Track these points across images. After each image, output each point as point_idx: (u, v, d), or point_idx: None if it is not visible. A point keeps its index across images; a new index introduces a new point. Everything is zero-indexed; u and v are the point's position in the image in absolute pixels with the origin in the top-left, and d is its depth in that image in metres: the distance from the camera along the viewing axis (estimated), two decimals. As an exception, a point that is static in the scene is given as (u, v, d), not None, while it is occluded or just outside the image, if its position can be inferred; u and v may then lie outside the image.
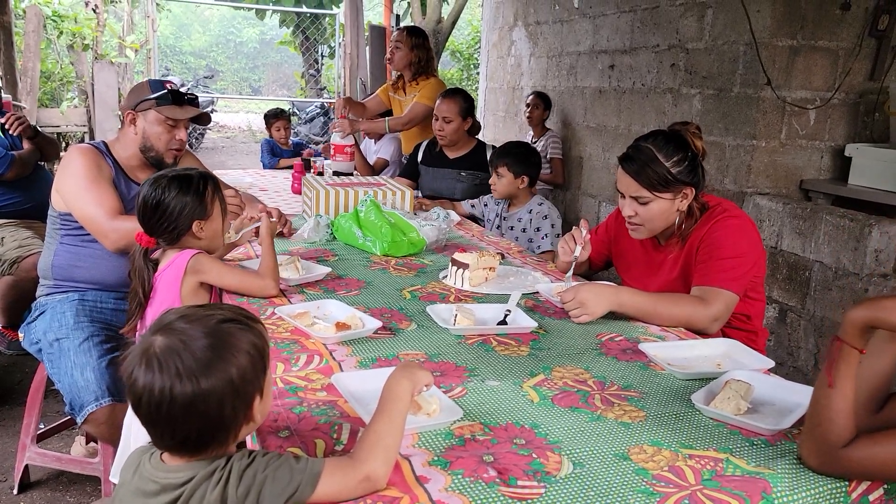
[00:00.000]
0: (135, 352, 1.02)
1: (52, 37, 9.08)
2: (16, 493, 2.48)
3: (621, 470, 1.18)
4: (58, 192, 2.29)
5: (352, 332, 1.67)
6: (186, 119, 2.34)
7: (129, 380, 1.01)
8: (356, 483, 1.04)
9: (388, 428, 1.10)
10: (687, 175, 1.91)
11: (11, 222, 3.46)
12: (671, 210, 1.95)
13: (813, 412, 1.16)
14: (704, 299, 1.86)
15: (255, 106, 20.71)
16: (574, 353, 1.68)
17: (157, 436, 1.03)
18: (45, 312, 2.30)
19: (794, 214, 3.32)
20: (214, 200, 1.90)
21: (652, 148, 1.92)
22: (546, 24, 5.63)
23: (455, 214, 3.21)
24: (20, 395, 2.89)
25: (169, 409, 0.98)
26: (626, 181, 1.96)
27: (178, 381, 0.98)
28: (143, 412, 1.01)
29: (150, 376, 0.99)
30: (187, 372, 0.98)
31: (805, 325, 3.28)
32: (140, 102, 2.32)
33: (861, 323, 1.08)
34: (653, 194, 1.93)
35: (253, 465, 1.02)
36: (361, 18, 8.47)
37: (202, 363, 0.99)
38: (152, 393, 0.99)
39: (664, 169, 1.90)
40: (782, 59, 3.47)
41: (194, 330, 1.02)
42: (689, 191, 1.93)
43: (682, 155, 1.90)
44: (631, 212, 1.99)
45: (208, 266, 1.86)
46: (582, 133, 5.16)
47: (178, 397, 0.98)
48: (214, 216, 1.90)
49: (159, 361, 0.99)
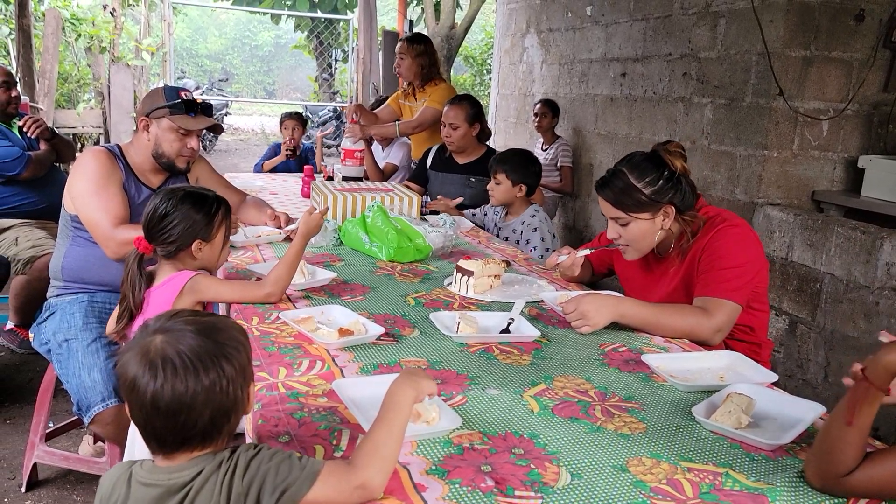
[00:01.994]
0: (133, 363, 1.03)
1: (70, 39, 9.19)
2: (24, 491, 2.51)
3: (619, 482, 1.17)
4: (69, 193, 2.31)
5: (354, 338, 1.68)
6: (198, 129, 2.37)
7: (137, 389, 1.02)
8: (351, 489, 1.05)
9: (386, 437, 1.10)
10: (662, 194, 1.92)
11: (26, 222, 3.50)
12: (653, 229, 1.97)
13: (825, 440, 1.15)
14: (707, 310, 1.86)
15: (269, 109, 20.83)
16: (576, 363, 1.68)
17: (170, 435, 1.03)
18: (54, 313, 2.32)
19: (805, 226, 3.30)
20: (221, 226, 1.91)
21: (624, 170, 1.95)
22: (558, 31, 5.64)
23: (465, 221, 3.22)
24: (30, 394, 2.92)
25: (192, 402, 1.01)
26: (604, 205, 2.00)
27: (193, 375, 1.01)
28: (162, 414, 1.01)
29: (160, 379, 1.01)
30: (194, 364, 1.02)
31: (815, 337, 3.26)
32: (154, 110, 2.34)
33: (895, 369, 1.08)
34: (630, 216, 1.95)
35: (258, 456, 1.05)
36: (375, 23, 8.50)
37: (206, 351, 1.04)
38: (174, 395, 1.01)
39: (636, 190, 1.92)
40: (795, 69, 3.45)
41: (183, 325, 1.06)
42: (669, 209, 1.94)
43: (655, 175, 1.92)
44: (615, 234, 2.02)
45: (206, 287, 1.86)
46: (593, 140, 5.16)
47: (196, 389, 1.01)
48: (216, 241, 1.90)
49: (172, 363, 1.01)
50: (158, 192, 1.90)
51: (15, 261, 3.31)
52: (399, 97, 4.43)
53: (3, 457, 2.72)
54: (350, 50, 11.22)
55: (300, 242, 1.99)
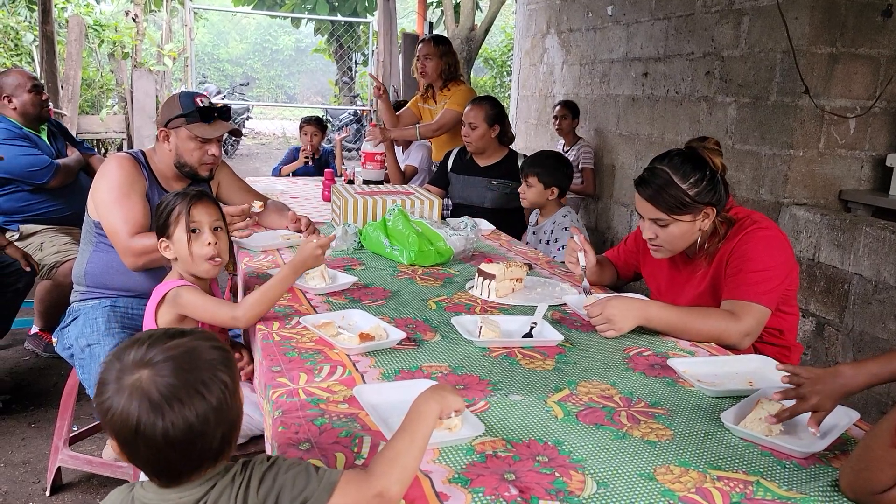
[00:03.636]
0: (130, 406, 0.95)
1: (93, 45, 9.31)
2: (48, 495, 2.53)
3: (647, 491, 1.14)
4: (93, 200, 2.32)
5: (375, 343, 1.67)
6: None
7: (143, 432, 0.95)
8: (369, 498, 1.03)
9: (408, 447, 1.08)
10: (706, 195, 1.86)
11: (51, 228, 3.54)
12: (692, 230, 1.91)
13: (863, 457, 1.11)
14: (735, 314, 1.82)
15: (290, 113, 20.95)
16: (601, 367, 1.65)
17: (186, 465, 0.98)
18: (77, 318, 2.34)
19: (833, 226, 3.24)
20: (178, 221, 1.80)
21: (667, 170, 1.87)
22: (579, 31, 5.60)
23: (485, 223, 3.20)
24: (55, 398, 2.94)
25: (204, 427, 0.96)
26: (643, 205, 1.92)
27: (200, 398, 0.96)
28: (178, 448, 0.95)
29: (170, 415, 0.95)
30: (197, 389, 0.97)
31: (843, 339, 3.19)
32: (171, 119, 2.34)
33: None
34: (672, 217, 1.88)
35: (273, 468, 1.02)
36: (395, 26, 8.51)
37: (201, 371, 0.98)
38: (187, 425, 0.95)
39: (681, 191, 1.85)
40: (821, 66, 3.39)
41: (162, 353, 0.98)
42: (710, 210, 1.88)
43: (699, 175, 1.85)
44: (651, 234, 1.95)
45: (185, 300, 1.78)
46: (614, 141, 5.11)
47: (207, 413, 0.96)
48: (176, 237, 1.81)
49: (177, 395, 0.95)
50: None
51: (40, 266, 3.34)
52: (418, 100, 4.42)
53: (28, 460, 2.74)
54: (370, 53, 11.25)
55: (288, 272, 1.83)
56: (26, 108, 3.47)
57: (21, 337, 3.70)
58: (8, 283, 2.97)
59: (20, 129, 3.46)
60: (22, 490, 2.55)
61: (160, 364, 0.97)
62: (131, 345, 1.01)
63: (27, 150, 3.42)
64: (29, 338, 3.65)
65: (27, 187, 3.45)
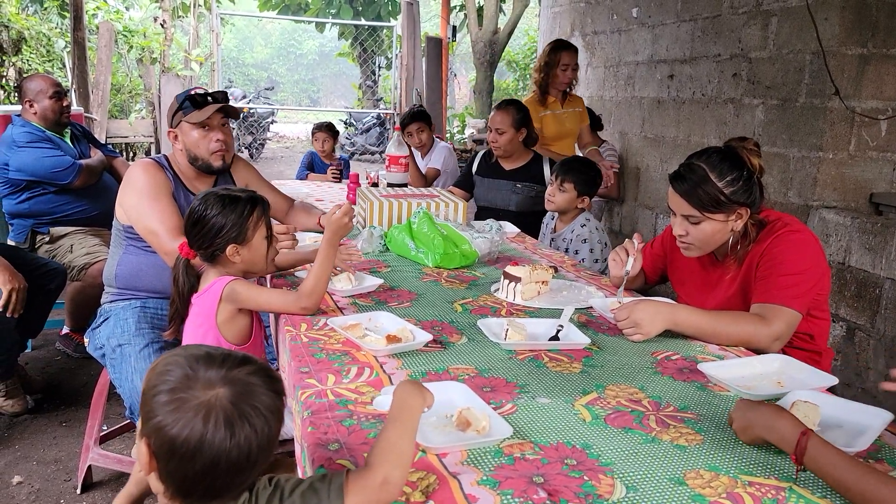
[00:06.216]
0: (189, 418, 0.96)
1: (122, 51, 9.46)
2: (79, 493, 2.56)
3: (677, 495, 1.13)
4: (121, 206, 2.35)
5: (402, 345, 1.67)
6: (217, 120, 2.38)
7: (208, 446, 0.96)
8: (377, 487, 1.05)
9: (400, 435, 1.11)
10: (741, 195, 1.84)
11: (80, 230, 3.59)
12: (724, 230, 1.89)
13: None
14: (765, 318, 1.79)
15: (314, 116, 21.11)
16: (628, 371, 1.64)
17: (226, 486, 0.99)
18: (108, 319, 2.37)
19: (864, 229, 3.19)
20: (258, 227, 1.82)
21: (705, 167, 1.85)
22: (603, 33, 5.57)
23: (510, 226, 3.19)
24: (86, 398, 2.99)
25: (260, 452, 0.99)
26: (677, 200, 1.90)
27: (276, 419, 1.01)
28: (232, 469, 0.97)
29: (238, 435, 0.97)
30: (271, 411, 1.01)
31: (875, 344, 3.14)
32: (173, 118, 2.40)
33: None
34: (704, 215, 1.86)
35: (277, 491, 1.03)
36: (418, 30, 8.54)
37: (273, 392, 1.03)
38: (249, 449, 0.98)
39: (717, 189, 1.83)
40: (851, 68, 3.34)
41: (247, 374, 1.02)
42: (744, 211, 1.86)
43: (736, 174, 1.83)
44: (682, 231, 1.93)
45: (243, 293, 1.80)
46: (639, 144, 5.08)
47: (266, 442, 1.00)
48: (254, 243, 1.82)
49: (237, 418, 0.98)
50: (197, 196, 1.86)
51: (70, 267, 3.40)
52: (538, 109, 4.20)
53: (59, 458, 2.78)
54: (393, 57, 11.30)
55: (327, 248, 1.87)
56: (46, 113, 3.55)
57: (52, 337, 3.77)
58: (40, 284, 3.02)
59: (42, 132, 3.54)
60: (53, 488, 2.60)
61: (238, 384, 1.00)
62: (201, 362, 1.01)
63: (51, 151, 3.49)
64: (60, 338, 3.71)
65: (53, 189, 3.52)
